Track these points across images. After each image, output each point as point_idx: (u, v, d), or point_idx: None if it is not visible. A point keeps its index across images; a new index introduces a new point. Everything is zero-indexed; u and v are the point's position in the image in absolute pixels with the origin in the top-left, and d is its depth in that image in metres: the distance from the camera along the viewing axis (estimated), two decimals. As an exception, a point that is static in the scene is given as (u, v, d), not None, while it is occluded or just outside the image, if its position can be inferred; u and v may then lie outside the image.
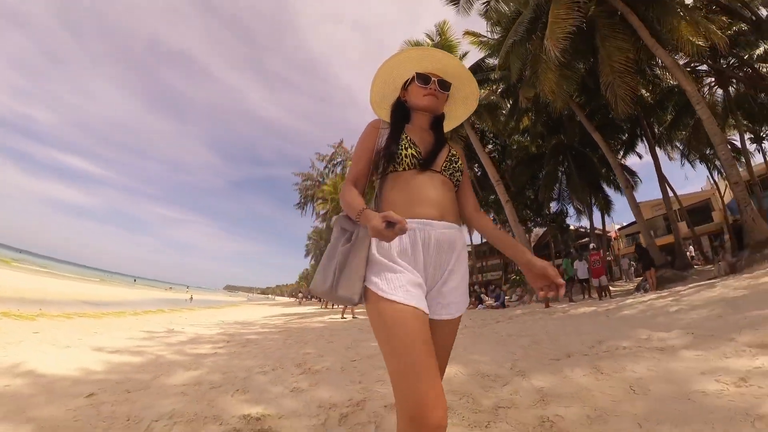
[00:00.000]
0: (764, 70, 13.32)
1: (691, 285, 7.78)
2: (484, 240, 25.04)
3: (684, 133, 15.70)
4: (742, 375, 2.07)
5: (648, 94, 14.24)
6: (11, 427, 1.85)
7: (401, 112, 1.27)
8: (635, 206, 12.18)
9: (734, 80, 13.97)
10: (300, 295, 48.97)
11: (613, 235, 28.57)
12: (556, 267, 13.76)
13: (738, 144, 16.53)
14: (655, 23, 8.69)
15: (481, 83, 13.80)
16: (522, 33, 10.05)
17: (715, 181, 20.83)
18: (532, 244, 29.61)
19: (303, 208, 39.38)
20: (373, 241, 1.05)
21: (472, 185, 1.38)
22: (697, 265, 15.56)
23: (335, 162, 38.46)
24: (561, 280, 1.00)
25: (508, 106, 15.79)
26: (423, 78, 1.22)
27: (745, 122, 15.63)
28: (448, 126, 1.38)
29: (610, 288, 11.16)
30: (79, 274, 58.19)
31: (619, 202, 29.78)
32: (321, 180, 37.69)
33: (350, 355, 3.95)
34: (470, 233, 23.76)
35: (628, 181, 15.21)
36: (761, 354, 2.36)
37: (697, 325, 3.52)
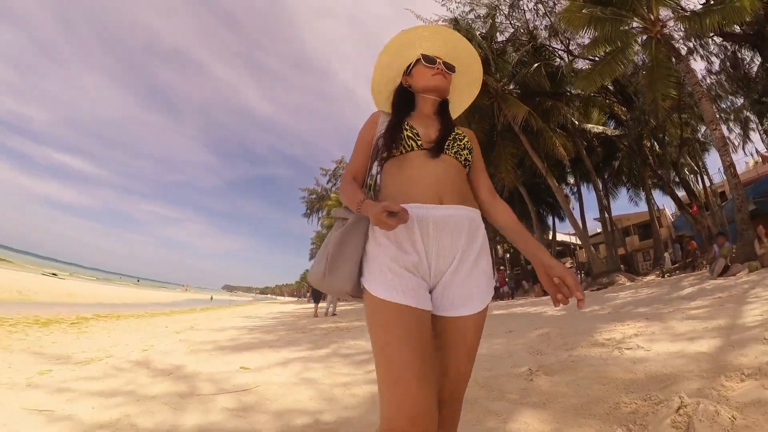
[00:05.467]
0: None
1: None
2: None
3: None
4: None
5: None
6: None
7: (404, 97, 1.21)
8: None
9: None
10: (309, 295, 55.53)
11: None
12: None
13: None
14: (534, 141, 14.49)
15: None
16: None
17: (649, 203, 25.67)
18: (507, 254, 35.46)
19: (309, 218, 45.43)
20: (369, 229, 0.98)
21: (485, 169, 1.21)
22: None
23: (338, 176, 44.37)
24: (580, 293, 0.86)
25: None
26: (429, 59, 1.15)
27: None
28: (452, 113, 1.28)
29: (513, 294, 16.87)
30: (90, 276, 59.55)
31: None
32: (324, 194, 43.47)
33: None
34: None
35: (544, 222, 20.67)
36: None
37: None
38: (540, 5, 15.25)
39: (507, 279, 16.35)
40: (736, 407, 1.58)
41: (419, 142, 1.07)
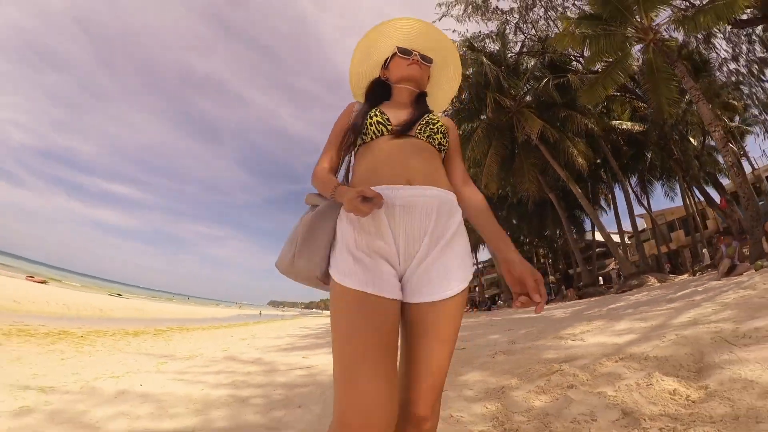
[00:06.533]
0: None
1: (585, 299, 13.88)
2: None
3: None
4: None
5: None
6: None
7: (379, 89, 1.23)
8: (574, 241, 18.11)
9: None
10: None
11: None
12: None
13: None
14: (554, 151, 15.02)
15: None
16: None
17: (688, 197, 24.57)
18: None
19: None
20: (339, 214, 0.96)
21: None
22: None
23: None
24: (538, 296, 0.86)
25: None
26: (405, 50, 1.18)
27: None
28: (433, 108, 1.29)
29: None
30: (154, 296, 66.16)
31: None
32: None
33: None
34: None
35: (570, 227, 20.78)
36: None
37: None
38: (551, 12, 15.80)
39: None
40: (595, 375, 2.44)
41: (389, 127, 1.06)
